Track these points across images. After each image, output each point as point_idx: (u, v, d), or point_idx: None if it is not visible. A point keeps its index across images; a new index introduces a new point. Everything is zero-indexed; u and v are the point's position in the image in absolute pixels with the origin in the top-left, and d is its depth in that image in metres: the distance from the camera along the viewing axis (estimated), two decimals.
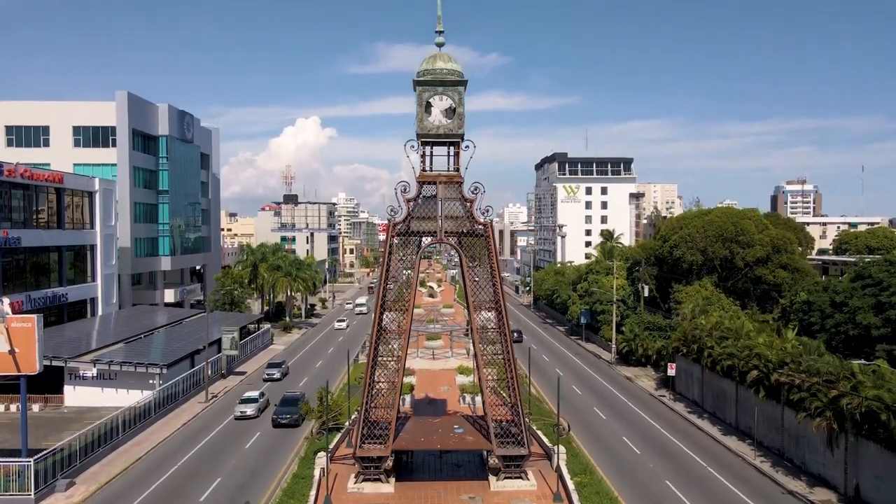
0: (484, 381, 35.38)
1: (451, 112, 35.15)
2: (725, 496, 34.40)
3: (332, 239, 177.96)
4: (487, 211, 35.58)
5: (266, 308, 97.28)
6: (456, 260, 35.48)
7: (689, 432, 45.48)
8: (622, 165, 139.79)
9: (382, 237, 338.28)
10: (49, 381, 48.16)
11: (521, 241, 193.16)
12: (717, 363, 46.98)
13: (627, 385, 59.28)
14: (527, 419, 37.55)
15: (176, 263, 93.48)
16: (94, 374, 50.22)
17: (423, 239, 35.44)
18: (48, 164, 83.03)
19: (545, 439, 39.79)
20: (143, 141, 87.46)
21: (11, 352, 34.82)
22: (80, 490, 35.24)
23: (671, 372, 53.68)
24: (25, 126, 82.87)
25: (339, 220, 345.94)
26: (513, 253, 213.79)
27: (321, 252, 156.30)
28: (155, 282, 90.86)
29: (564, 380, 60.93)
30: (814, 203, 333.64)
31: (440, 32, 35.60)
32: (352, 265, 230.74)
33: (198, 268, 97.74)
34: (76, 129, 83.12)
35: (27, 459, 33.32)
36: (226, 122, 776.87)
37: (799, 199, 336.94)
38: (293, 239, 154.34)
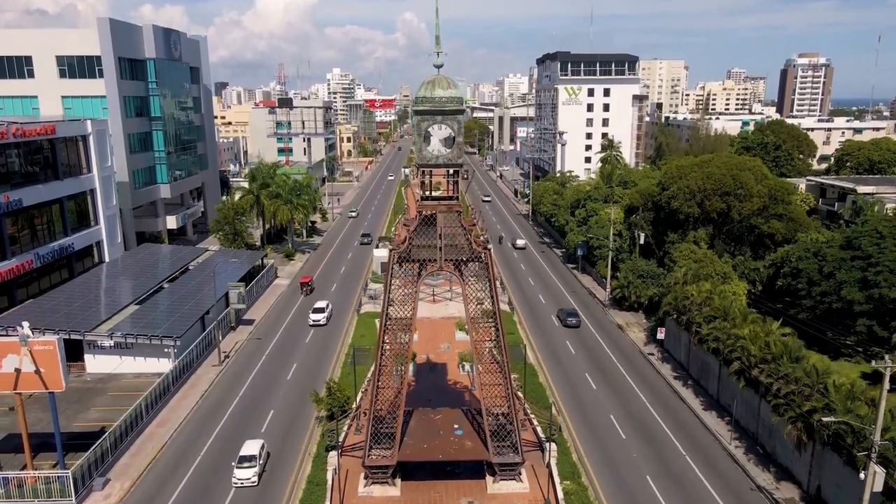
0: (480, 385, 38.05)
1: (450, 141, 34.80)
2: (700, 492, 38.09)
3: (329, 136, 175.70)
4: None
5: (267, 227, 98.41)
6: None
7: (672, 406, 48.81)
8: (626, 65, 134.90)
9: (380, 115, 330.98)
10: (70, 349, 50.64)
11: (521, 132, 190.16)
12: (703, 341, 49.41)
13: (619, 338, 62.21)
14: (524, 408, 40.68)
15: (175, 189, 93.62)
16: (112, 345, 52.98)
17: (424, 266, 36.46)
18: (35, 97, 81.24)
19: (538, 427, 43.09)
20: (131, 67, 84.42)
21: (37, 371, 37.02)
22: (115, 488, 38.83)
23: (661, 336, 56.36)
24: (7, 56, 79.52)
25: (335, 99, 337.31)
26: (512, 141, 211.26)
27: (319, 153, 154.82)
28: (156, 209, 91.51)
29: (560, 332, 64.09)
30: (824, 79, 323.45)
31: (439, 53, 34.29)
32: (349, 154, 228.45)
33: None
34: (60, 60, 79.97)
35: (65, 471, 36.57)
36: None
37: (809, 73, 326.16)
38: (290, 138, 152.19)
